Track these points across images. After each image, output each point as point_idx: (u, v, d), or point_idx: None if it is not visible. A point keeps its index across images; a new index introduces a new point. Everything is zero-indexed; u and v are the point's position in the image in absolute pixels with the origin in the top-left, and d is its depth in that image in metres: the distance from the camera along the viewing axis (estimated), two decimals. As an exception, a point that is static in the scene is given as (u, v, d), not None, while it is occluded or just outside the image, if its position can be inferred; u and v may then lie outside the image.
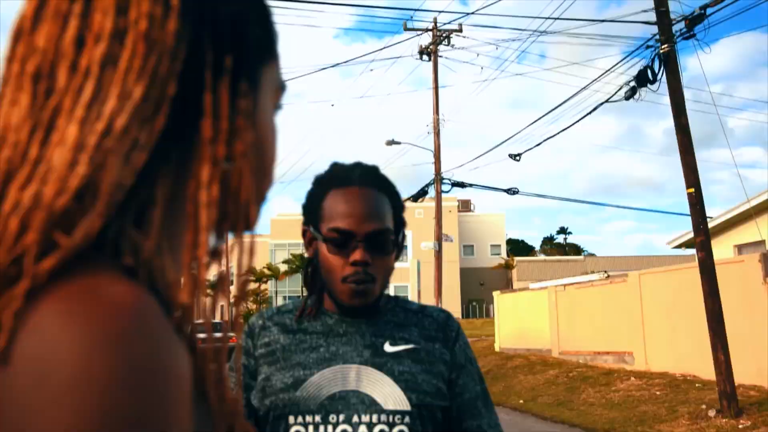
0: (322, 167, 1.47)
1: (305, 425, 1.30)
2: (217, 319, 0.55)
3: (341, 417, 1.30)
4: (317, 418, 1.30)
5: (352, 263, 1.33)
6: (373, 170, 1.43)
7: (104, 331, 0.39)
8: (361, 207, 1.35)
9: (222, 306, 0.67)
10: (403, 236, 1.45)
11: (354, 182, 1.38)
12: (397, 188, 1.45)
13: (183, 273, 0.50)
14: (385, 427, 1.29)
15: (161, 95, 0.47)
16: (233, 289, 0.56)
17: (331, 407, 1.30)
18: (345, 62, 27.73)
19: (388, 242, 1.36)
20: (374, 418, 1.30)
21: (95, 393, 0.38)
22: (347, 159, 1.46)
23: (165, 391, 0.41)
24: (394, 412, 1.30)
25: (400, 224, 1.43)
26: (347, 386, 1.32)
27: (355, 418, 1.29)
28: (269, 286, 47.70)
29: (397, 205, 1.43)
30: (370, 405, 1.30)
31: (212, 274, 0.53)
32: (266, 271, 44.23)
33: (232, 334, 0.60)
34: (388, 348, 1.37)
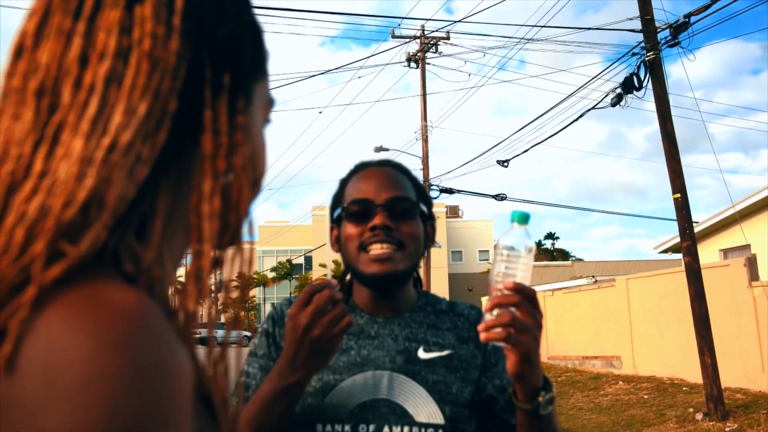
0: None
1: None
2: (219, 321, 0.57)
3: (371, 427, 1.24)
4: (347, 428, 1.24)
5: (371, 228, 1.27)
6: (392, 160, 1.45)
7: (110, 335, 0.41)
8: (378, 178, 1.33)
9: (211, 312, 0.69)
10: (433, 224, 1.41)
11: (373, 164, 1.40)
12: (417, 179, 1.44)
13: (188, 281, 0.52)
14: None
15: (163, 112, 0.49)
16: (223, 295, 0.57)
17: (361, 416, 1.24)
18: (334, 69, 27.82)
19: (411, 209, 1.31)
20: (405, 429, 1.24)
21: (103, 393, 0.39)
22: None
23: (168, 391, 0.43)
24: (427, 425, 1.24)
25: (428, 206, 1.39)
26: (378, 394, 1.26)
27: (386, 429, 1.24)
28: (257, 293, 47.53)
29: (420, 189, 1.40)
30: (402, 416, 1.24)
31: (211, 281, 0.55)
32: (254, 278, 44.11)
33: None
34: (422, 354, 1.31)
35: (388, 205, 1.29)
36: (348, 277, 1.39)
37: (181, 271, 0.57)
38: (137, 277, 0.49)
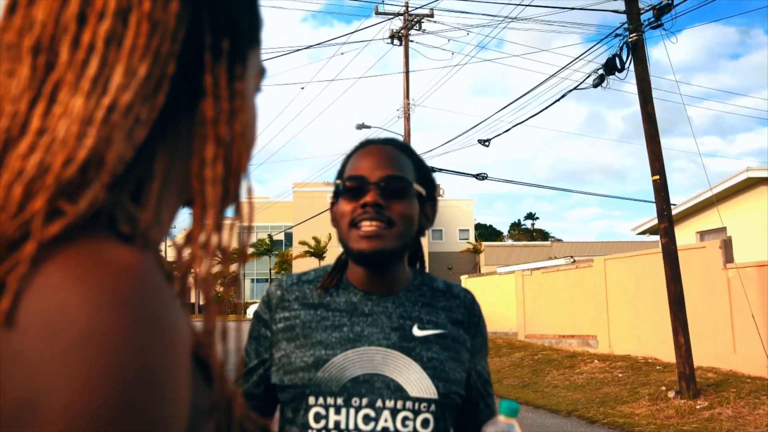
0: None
1: (326, 407, 1.25)
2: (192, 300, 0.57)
3: (364, 401, 1.24)
4: (339, 401, 1.25)
5: (362, 205, 1.29)
6: (398, 139, 1.46)
7: (112, 291, 0.41)
8: (376, 156, 1.35)
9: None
10: (433, 205, 1.44)
11: (375, 143, 1.41)
12: (423, 159, 1.45)
13: (193, 245, 0.52)
14: (410, 414, 1.24)
15: (162, 74, 0.48)
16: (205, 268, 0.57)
17: (354, 390, 1.25)
18: (317, 45, 27.55)
19: (405, 189, 1.32)
20: (399, 404, 1.25)
21: (105, 348, 0.39)
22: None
23: (168, 348, 0.43)
24: (420, 400, 1.25)
25: (429, 187, 1.42)
26: (372, 369, 1.26)
27: (379, 403, 1.24)
28: (236, 268, 47.37)
29: (423, 169, 1.42)
30: (396, 390, 1.25)
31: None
32: (233, 254, 43.99)
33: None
34: (416, 332, 1.32)
35: (382, 183, 1.30)
36: (343, 255, 1.39)
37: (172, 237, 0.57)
38: (133, 238, 0.49)
